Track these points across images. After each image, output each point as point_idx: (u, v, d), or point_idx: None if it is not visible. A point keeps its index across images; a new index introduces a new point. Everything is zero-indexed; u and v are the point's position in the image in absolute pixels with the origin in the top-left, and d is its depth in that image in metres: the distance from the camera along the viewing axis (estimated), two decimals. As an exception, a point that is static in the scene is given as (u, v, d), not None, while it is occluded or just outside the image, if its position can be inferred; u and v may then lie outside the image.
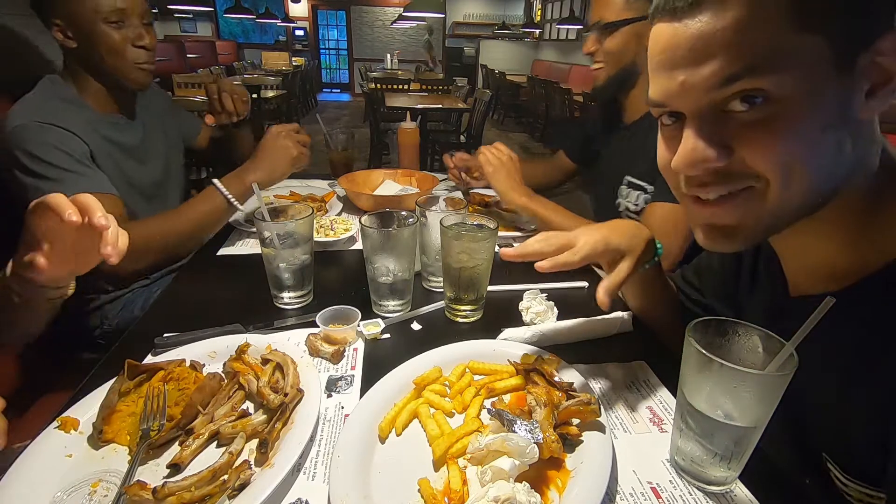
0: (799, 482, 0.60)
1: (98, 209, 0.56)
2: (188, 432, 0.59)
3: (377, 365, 0.73)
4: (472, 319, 0.88)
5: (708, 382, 0.51)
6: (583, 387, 0.65)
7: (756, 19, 0.43)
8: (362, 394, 0.67)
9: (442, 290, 0.91)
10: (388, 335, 0.83)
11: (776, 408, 0.49)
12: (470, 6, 12.18)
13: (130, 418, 0.61)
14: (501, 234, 1.21)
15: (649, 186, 1.20)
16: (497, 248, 0.82)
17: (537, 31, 11.13)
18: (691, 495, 0.55)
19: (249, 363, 0.70)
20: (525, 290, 0.88)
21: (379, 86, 5.63)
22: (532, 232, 1.27)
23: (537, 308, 0.85)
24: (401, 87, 5.69)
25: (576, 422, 0.59)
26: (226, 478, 0.52)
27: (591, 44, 1.25)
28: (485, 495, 0.48)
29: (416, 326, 0.86)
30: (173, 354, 0.72)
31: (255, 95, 4.71)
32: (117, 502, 0.50)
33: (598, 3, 1.22)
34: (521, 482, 0.50)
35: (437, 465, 0.57)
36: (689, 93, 0.47)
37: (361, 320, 0.81)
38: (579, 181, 1.66)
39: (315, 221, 1.08)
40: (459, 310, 0.87)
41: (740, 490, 0.55)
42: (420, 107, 4.40)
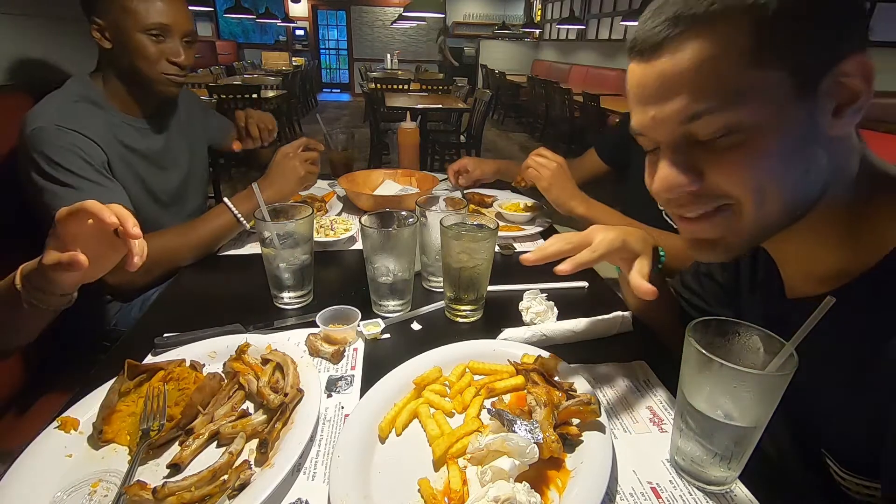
0: (798, 478, 0.60)
1: (131, 218, 0.59)
2: (188, 432, 0.59)
3: (377, 365, 0.73)
4: (472, 319, 0.88)
5: (708, 382, 0.51)
6: (583, 387, 0.65)
7: (713, 61, 0.45)
8: (362, 394, 0.67)
9: (442, 290, 0.91)
10: (388, 335, 0.83)
11: (781, 406, 0.49)
12: (470, 6, 12.18)
13: (130, 418, 0.61)
14: (502, 233, 1.21)
15: None
16: (497, 248, 0.82)
17: (537, 31, 11.15)
18: (691, 495, 0.55)
19: (249, 363, 0.70)
20: (525, 290, 0.88)
21: (379, 86, 5.63)
22: (534, 233, 1.27)
23: (537, 308, 0.85)
24: (401, 87, 5.69)
25: (576, 422, 0.59)
26: (226, 478, 0.52)
27: None
28: (485, 495, 0.48)
29: (416, 326, 0.86)
30: (173, 354, 0.72)
31: (255, 95, 4.71)
32: (117, 502, 0.50)
33: None
34: (521, 482, 0.50)
35: (437, 465, 0.57)
36: (660, 126, 0.51)
37: (361, 320, 0.81)
38: (610, 188, 1.61)
39: (315, 221, 1.08)
40: (459, 310, 0.87)
41: (740, 490, 0.55)
42: (420, 107, 4.40)
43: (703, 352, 0.49)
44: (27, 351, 1.16)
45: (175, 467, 0.55)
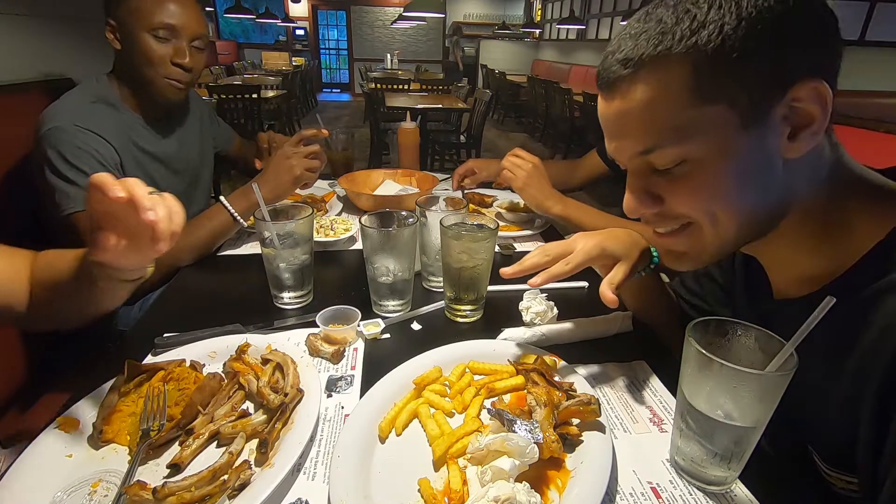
0: (796, 479, 0.60)
1: (140, 188, 0.54)
2: (188, 432, 0.59)
3: (377, 365, 0.73)
4: (472, 319, 0.88)
5: (708, 382, 0.51)
6: (583, 387, 0.65)
7: (658, 101, 0.49)
8: (362, 394, 0.67)
9: (442, 290, 0.91)
10: (388, 335, 0.83)
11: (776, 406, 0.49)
12: (470, 6, 12.19)
13: (130, 418, 0.61)
14: (502, 233, 1.21)
15: None
16: (497, 248, 0.82)
17: (537, 31, 11.15)
18: (691, 495, 0.55)
19: (249, 363, 0.70)
20: (525, 290, 0.88)
21: (379, 86, 5.63)
22: (534, 233, 1.27)
23: (537, 308, 0.84)
24: (401, 87, 5.69)
25: (576, 422, 0.59)
26: (226, 478, 0.52)
27: None
28: (485, 495, 0.48)
29: (416, 326, 0.86)
30: (173, 354, 0.72)
31: (255, 95, 4.71)
32: (117, 502, 0.50)
33: None
34: (521, 482, 0.50)
35: (437, 465, 0.57)
36: (621, 156, 0.56)
37: (361, 320, 0.81)
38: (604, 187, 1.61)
39: (315, 221, 1.08)
40: (459, 310, 0.87)
41: (740, 490, 0.55)
42: (420, 107, 4.40)
43: (703, 352, 0.49)
44: (29, 350, 1.16)
45: (175, 467, 0.55)
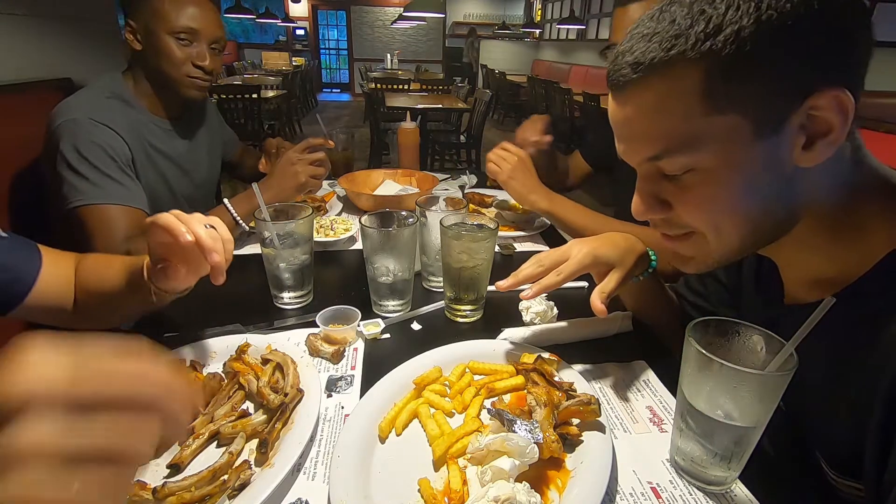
0: (796, 478, 0.60)
1: (200, 226, 0.60)
2: (188, 432, 0.59)
3: (377, 365, 0.73)
4: (472, 319, 0.88)
5: (708, 382, 0.51)
6: (583, 387, 0.65)
7: (670, 106, 0.47)
8: (362, 394, 0.67)
9: (442, 290, 0.91)
10: (388, 335, 0.83)
11: (779, 407, 0.49)
12: (470, 6, 12.18)
13: (130, 418, 0.61)
14: (502, 233, 1.21)
15: None
16: (497, 248, 0.82)
17: (537, 31, 11.14)
18: (691, 495, 0.55)
19: (249, 363, 0.70)
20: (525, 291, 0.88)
21: (379, 86, 5.63)
22: (534, 233, 1.27)
23: (537, 308, 0.84)
24: (401, 87, 5.68)
25: (576, 422, 0.59)
26: (226, 478, 0.52)
27: None
28: (485, 495, 0.48)
29: (416, 326, 0.86)
30: (173, 354, 0.72)
31: (255, 95, 4.71)
32: (117, 502, 0.50)
33: (618, 27, 1.13)
34: (521, 482, 0.50)
35: (437, 465, 0.57)
36: (629, 159, 0.54)
37: (361, 320, 0.81)
38: (600, 188, 1.63)
39: (315, 221, 1.08)
40: (459, 310, 0.87)
41: (740, 490, 0.55)
42: (420, 107, 4.40)
43: (703, 352, 0.49)
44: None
45: (175, 467, 0.55)
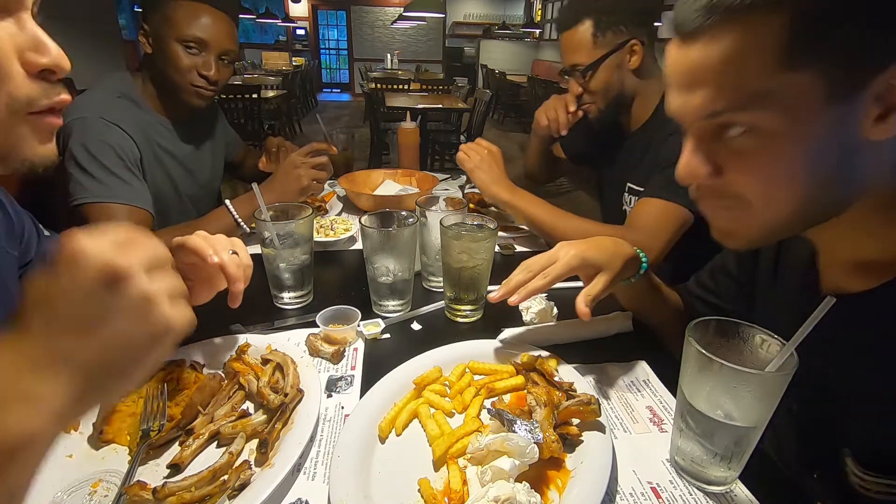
0: (800, 477, 0.60)
1: (226, 252, 0.62)
2: (188, 432, 0.59)
3: (377, 365, 0.73)
4: (472, 319, 0.88)
5: (708, 382, 0.51)
6: (583, 387, 0.65)
7: (742, 58, 0.43)
8: (362, 394, 0.67)
9: (442, 290, 0.91)
10: (388, 335, 0.83)
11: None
12: (470, 6, 12.17)
13: (130, 418, 0.61)
14: (502, 233, 1.21)
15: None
16: (497, 248, 0.82)
17: (537, 31, 11.13)
18: (691, 495, 0.54)
19: (249, 363, 0.70)
20: (525, 290, 0.88)
21: (379, 86, 5.62)
22: (533, 233, 1.27)
23: (537, 308, 0.84)
24: (401, 87, 5.68)
25: (576, 422, 0.59)
26: (226, 478, 0.53)
27: (575, 88, 1.22)
28: (485, 495, 0.48)
29: (416, 326, 0.86)
30: (173, 354, 0.72)
31: (255, 95, 4.71)
32: (117, 502, 0.50)
33: (567, 49, 1.19)
34: (521, 482, 0.50)
35: (437, 465, 0.57)
36: (684, 115, 0.50)
37: (361, 320, 0.81)
38: (587, 186, 1.64)
39: (315, 221, 1.08)
40: (459, 310, 0.87)
41: (740, 490, 0.55)
42: (420, 107, 4.40)
43: (703, 352, 0.49)
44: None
45: (175, 467, 0.55)
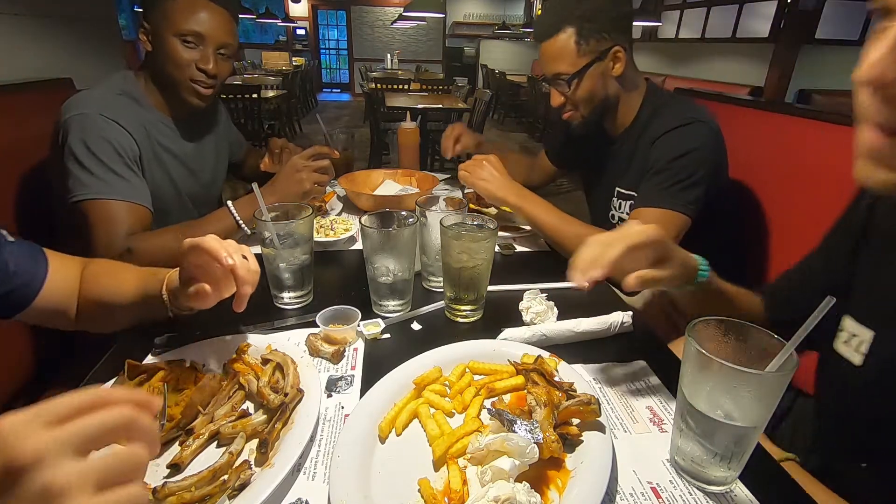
0: (840, 465, 0.59)
1: (238, 255, 0.65)
2: (188, 432, 0.59)
3: (377, 365, 0.73)
4: (472, 319, 0.88)
5: (708, 382, 0.51)
6: (583, 387, 0.65)
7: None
8: (362, 394, 0.67)
9: (442, 290, 0.91)
10: (388, 335, 0.83)
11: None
12: (470, 6, 12.17)
13: (130, 418, 0.61)
14: (502, 234, 1.21)
15: (636, 194, 1.19)
16: (497, 248, 0.81)
17: (537, 31, 11.11)
18: (691, 495, 0.55)
19: (249, 363, 0.70)
20: (525, 290, 0.88)
21: (379, 86, 5.62)
22: (533, 233, 1.27)
23: (537, 308, 0.84)
24: (401, 87, 5.68)
25: (576, 422, 0.59)
26: (226, 478, 0.53)
27: (557, 98, 1.21)
28: (485, 495, 0.48)
29: (416, 326, 0.86)
30: (173, 354, 0.72)
31: (255, 95, 4.71)
32: (117, 502, 0.50)
33: (549, 58, 1.17)
34: (521, 482, 0.50)
35: (437, 465, 0.57)
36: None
37: (361, 320, 0.81)
38: (579, 185, 1.65)
39: (315, 221, 1.08)
40: (459, 310, 0.87)
41: (740, 490, 0.55)
42: (420, 107, 4.40)
43: (703, 352, 0.49)
44: (29, 350, 1.16)
45: (175, 467, 0.55)
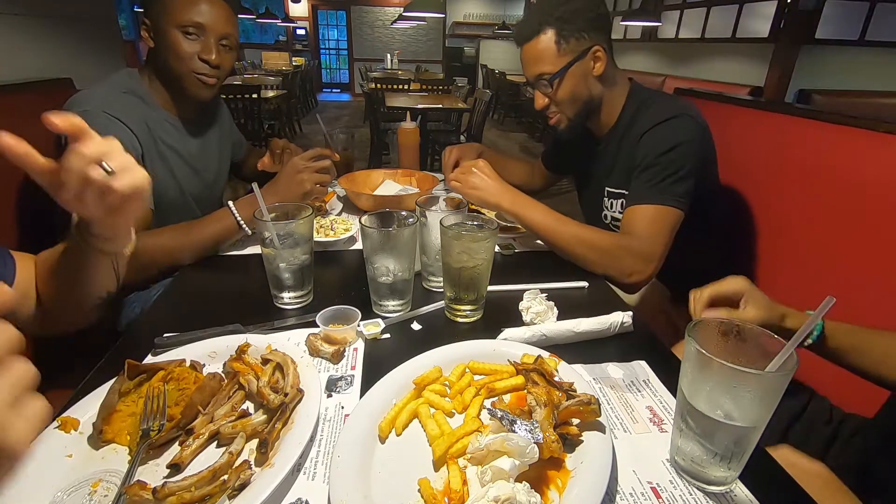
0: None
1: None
2: (188, 432, 0.59)
3: (377, 365, 0.73)
4: (472, 319, 0.88)
5: (708, 382, 0.51)
6: (583, 387, 0.65)
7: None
8: (362, 394, 0.67)
9: (442, 290, 0.91)
10: (388, 335, 0.83)
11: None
12: (470, 6, 12.18)
13: (130, 418, 0.61)
14: (501, 234, 1.21)
15: (627, 192, 1.19)
16: (497, 248, 0.81)
17: (537, 31, 11.11)
18: (691, 495, 0.55)
19: (249, 363, 0.70)
20: (525, 290, 0.88)
21: (379, 86, 5.62)
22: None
23: (537, 308, 0.84)
24: (401, 87, 5.68)
25: (576, 422, 0.59)
26: (226, 478, 0.52)
27: (541, 100, 1.21)
28: (485, 495, 0.48)
29: (416, 326, 0.86)
30: (173, 354, 0.72)
31: (255, 95, 4.71)
32: (117, 502, 0.50)
33: (530, 60, 1.17)
34: (521, 482, 0.50)
35: (437, 465, 0.57)
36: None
37: (361, 320, 0.81)
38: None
39: (315, 221, 1.08)
40: (459, 310, 0.87)
41: (740, 490, 0.55)
42: (420, 107, 4.40)
43: (704, 352, 0.49)
44: (29, 350, 1.16)
45: (175, 467, 0.55)
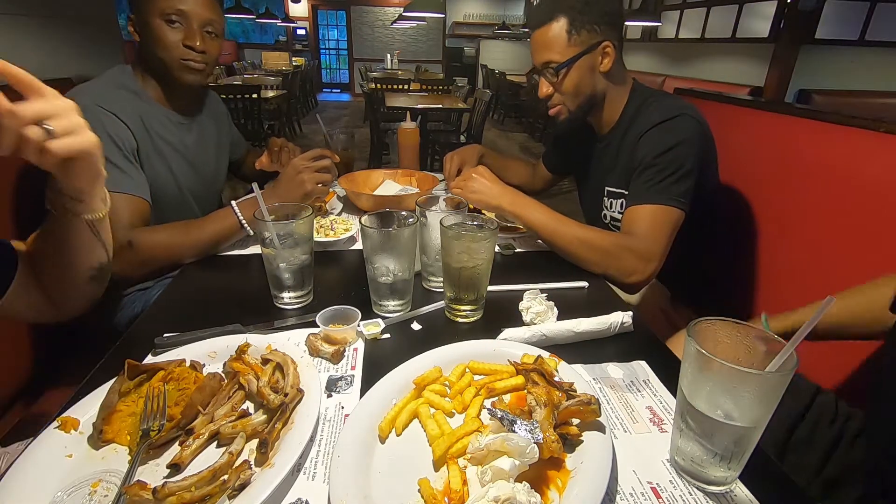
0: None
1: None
2: (188, 432, 0.59)
3: (377, 365, 0.73)
4: (472, 319, 0.88)
5: (708, 382, 0.51)
6: (583, 387, 0.65)
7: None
8: (362, 394, 0.67)
9: (442, 290, 0.91)
10: (388, 335, 0.83)
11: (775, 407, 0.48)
12: (470, 6, 12.17)
13: (130, 418, 0.61)
14: (501, 234, 1.21)
15: (627, 192, 1.18)
16: (497, 248, 0.82)
17: (537, 31, 11.11)
18: (691, 495, 0.55)
19: (249, 363, 0.70)
20: (525, 290, 0.88)
21: (379, 86, 5.62)
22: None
23: (537, 308, 0.84)
24: (401, 87, 5.68)
25: (576, 422, 0.59)
26: (226, 478, 0.52)
27: (545, 88, 1.20)
28: (485, 495, 0.48)
29: (416, 326, 0.86)
30: (173, 354, 0.72)
31: (255, 95, 4.71)
32: (117, 502, 0.50)
33: (539, 46, 1.16)
34: (521, 482, 0.50)
35: (437, 465, 0.57)
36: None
37: (361, 320, 0.81)
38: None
39: (315, 221, 1.08)
40: (459, 310, 0.87)
41: (740, 490, 0.55)
42: (420, 107, 4.40)
43: (704, 352, 0.49)
44: (29, 350, 1.16)
45: (175, 467, 0.55)
